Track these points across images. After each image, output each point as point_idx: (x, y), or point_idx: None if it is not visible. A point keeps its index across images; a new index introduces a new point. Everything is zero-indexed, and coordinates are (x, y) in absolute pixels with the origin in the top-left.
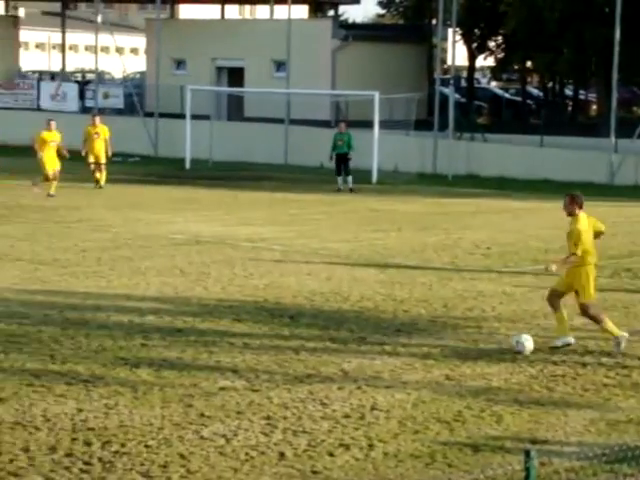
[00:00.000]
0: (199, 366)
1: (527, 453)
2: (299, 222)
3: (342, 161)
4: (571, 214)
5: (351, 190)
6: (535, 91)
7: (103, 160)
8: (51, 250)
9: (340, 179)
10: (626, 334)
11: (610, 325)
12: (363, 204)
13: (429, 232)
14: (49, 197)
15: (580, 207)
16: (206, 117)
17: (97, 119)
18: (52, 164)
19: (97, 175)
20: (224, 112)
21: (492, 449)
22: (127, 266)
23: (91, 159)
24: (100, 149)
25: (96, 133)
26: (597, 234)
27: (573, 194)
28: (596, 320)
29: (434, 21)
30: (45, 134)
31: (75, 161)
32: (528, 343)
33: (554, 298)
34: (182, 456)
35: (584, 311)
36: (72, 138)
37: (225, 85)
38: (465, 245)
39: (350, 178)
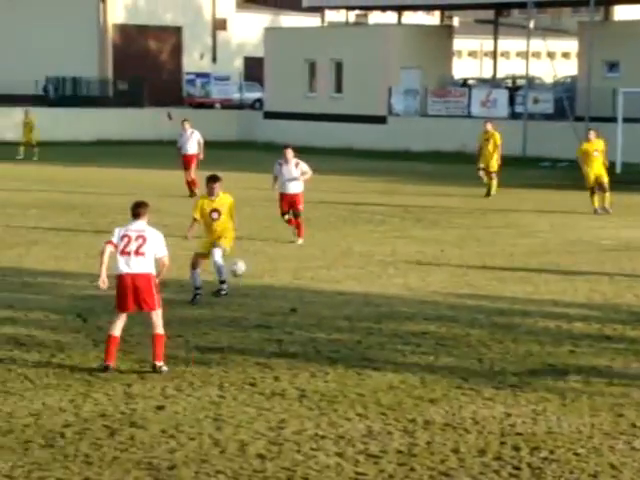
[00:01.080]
0: (630, 375)
1: None
2: None
3: None
4: None
5: None
6: None
7: (492, 168)
8: (479, 255)
9: None
10: None
11: None
12: None
13: None
14: (603, 212)
15: None
16: (639, 120)
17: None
18: (598, 171)
19: (488, 182)
20: None
21: None
22: (554, 271)
23: (482, 164)
24: (486, 155)
25: (485, 140)
26: None
27: None
28: None
29: None
30: (586, 145)
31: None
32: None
33: None
34: (613, 466)
35: None
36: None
37: None
38: None
39: None
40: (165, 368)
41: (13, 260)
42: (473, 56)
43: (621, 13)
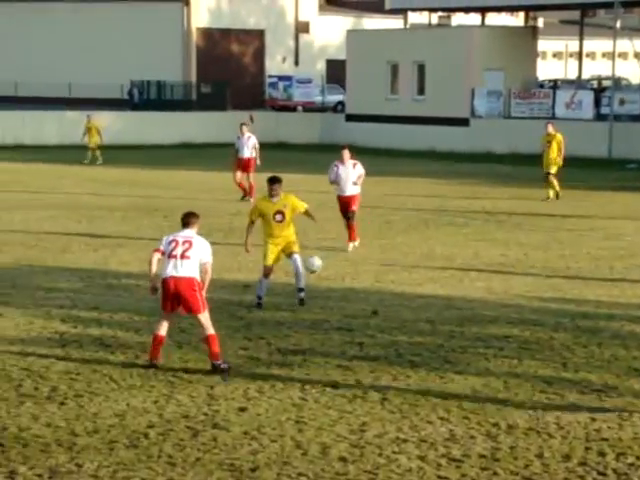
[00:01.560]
0: None
1: None
2: None
3: None
4: None
5: None
6: None
7: (551, 170)
8: (563, 258)
9: None
10: None
11: None
12: None
13: None
14: None
15: None
16: None
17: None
18: None
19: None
20: None
21: None
22: None
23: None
24: (549, 158)
25: (547, 142)
26: None
27: None
28: None
29: None
30: None
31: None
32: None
33: None
34: None
35: None
36: (585, 146)
37: None
38: None
39: None
40: (225, 365)
41: (99, 262)
42: (558, 57)
43: None
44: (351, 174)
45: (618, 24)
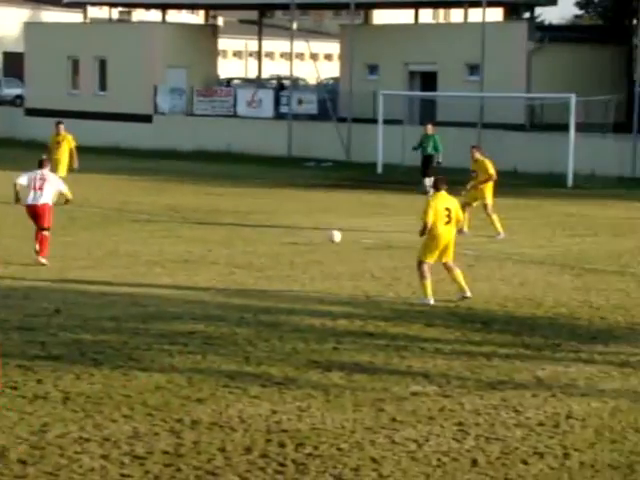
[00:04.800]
0: (390, 370)
1: None
2: (488, 228)
3: (427, 163)
4: None
5: (425, 193)
6: None
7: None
8: (246, 254)
9: (427, 181)
10: None
11: None
12: (559, 208)
13: (627, 237)
14: None
15: None
16: (398, 122)
17: None
18: None
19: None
20: (416, 117)
21: None
22: (319, 270)
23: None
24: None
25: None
26: None
27: None
28: None
29: (635, 21)
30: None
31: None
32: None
33: None
34: (374, 460)
35: None
36: (266, 144)
37: (418, 89)
38: None
39: (428, 180)
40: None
41: None
42: (238, 56)
43: (380, 17)
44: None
45: (295, 25)
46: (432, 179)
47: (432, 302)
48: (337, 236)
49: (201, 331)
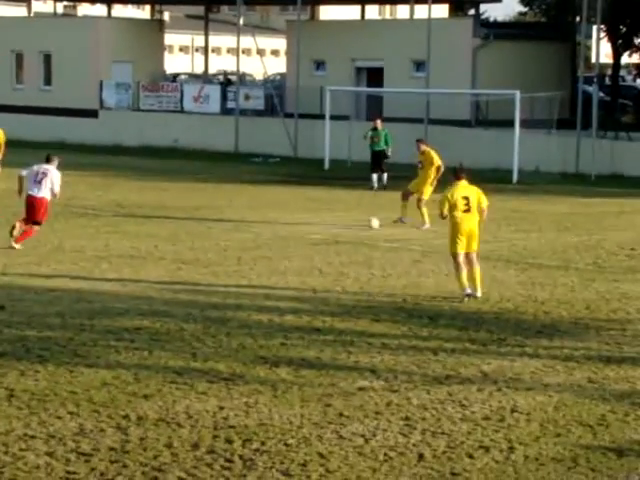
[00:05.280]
0: (338, 366)
1: None
2: (439, 222)
3: (378, 158)
4: None
5: (384, 188)
6: None
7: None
8: (193, 249)
9: (375, 177)
10: None
11: None
12: (503, 204)
13: (571, 232)
14: None
15: None
16: (345, 117)
17: None
18: None
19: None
20: (363, 112)
21: (637, 454)
22: (267, 266)
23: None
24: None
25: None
26: None
27: None
28: None
29: (578, 18)
30: None
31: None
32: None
33: None
34: (321, 455)
35: None
36: (214, 139)
37: (364, 85)
38: (608, 246)
39: (385, 175)
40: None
41: None
42: (185, 51)
43: (326, 13)
44: None
45: (241, 21)
46: (385, 175)
47: (469, 291)
48: (375, 223)
49: (148, 327)
